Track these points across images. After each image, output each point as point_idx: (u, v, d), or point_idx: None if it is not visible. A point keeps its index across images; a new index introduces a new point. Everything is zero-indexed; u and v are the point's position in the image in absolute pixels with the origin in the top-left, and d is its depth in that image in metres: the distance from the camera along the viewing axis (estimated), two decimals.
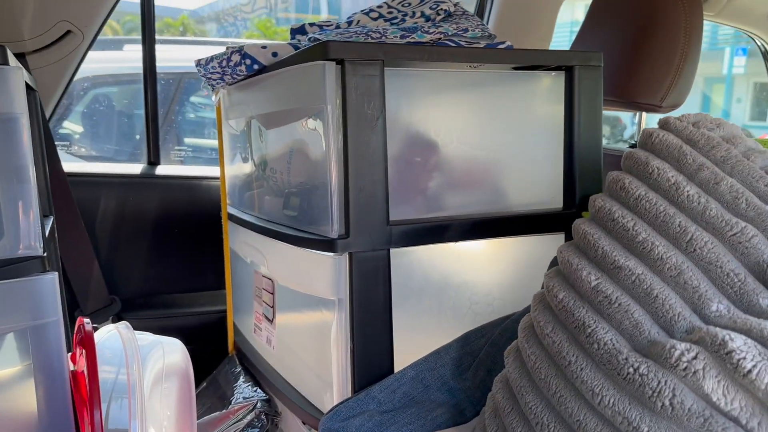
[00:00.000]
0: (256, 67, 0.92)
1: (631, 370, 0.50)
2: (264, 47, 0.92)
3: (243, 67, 0.93)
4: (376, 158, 0.81)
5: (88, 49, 1.22)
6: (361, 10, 1.10)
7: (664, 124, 0.66)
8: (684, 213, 0.57)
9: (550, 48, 1.72)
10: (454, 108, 0.91)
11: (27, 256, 0.75)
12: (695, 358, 0.46)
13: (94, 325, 1.26)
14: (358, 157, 0.80)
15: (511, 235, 0.94)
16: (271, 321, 1.05)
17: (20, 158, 0.74)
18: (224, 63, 0.94)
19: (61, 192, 1.19)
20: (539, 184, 0.96)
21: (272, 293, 1.03)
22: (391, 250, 0.84)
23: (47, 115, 1.23)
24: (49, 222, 1.04)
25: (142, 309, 1.39)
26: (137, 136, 2.57)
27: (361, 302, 0.82)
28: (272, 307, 1.03)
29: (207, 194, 1.43)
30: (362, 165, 0.80)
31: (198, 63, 1.00)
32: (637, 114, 1.23)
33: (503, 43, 0.93)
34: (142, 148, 1.54)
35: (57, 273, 0.77)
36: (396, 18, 1.06)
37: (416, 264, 0.89)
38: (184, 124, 2.63)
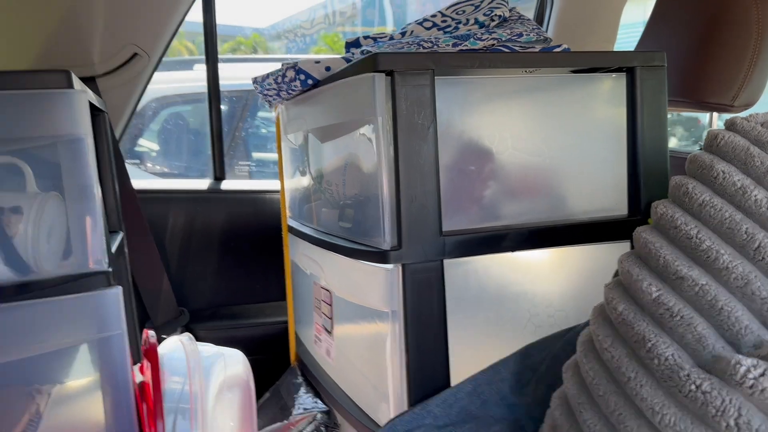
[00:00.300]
0: (310, 82, 0.94)
1: (693, 387, 0.46)
2: (317, 62, 0.93)
3: (297, 83, 0.94)
4: (428, 168, 0.80)
5: (155, 69, 1.27)
6: (415, 21, 1.10)
7: (730, 125, 0.62)
8: (751, 219, 0.53)
9: (617, 48, 1.66)
10: (509, 114, 0.89)
11: (93, 271, 0.78)
12: (763, 374, 0.42)
13: (162, 336, 1.30)
14: (410, 167, 0.79)
15: (573, 243, 0.91)
16: (330, 332, 1.05)
17: (86, 178, 0.78)
18: (279, 79, 0.95)
19: (131, 208, 1.24)
20: (602, 191, 0.93)
21: (330, 305, 1.03)
22: (445, 261, 0.82)
23: (117, 134, 1.29)
24: (119, 237, 1.08)
25: (210, 320, 1.43)
26: (209, 152, 2.65)
27: (415, 314, 0.81)
28: (331, 318, 1.04)
29: (270, 207, 1.46)
30: (413, 175, 0.79)
31: (255, 80, 1.03)
32: (709, 114, 1.17)
33: (559, 46, 0.90)
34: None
35: (121, 288, 0.80)
36: (449, 26, 1.05)
37: (472, 275, 0.87)
38: (254, 139, 2.70)
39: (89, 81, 1.19)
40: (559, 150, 0.91)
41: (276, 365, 1.30)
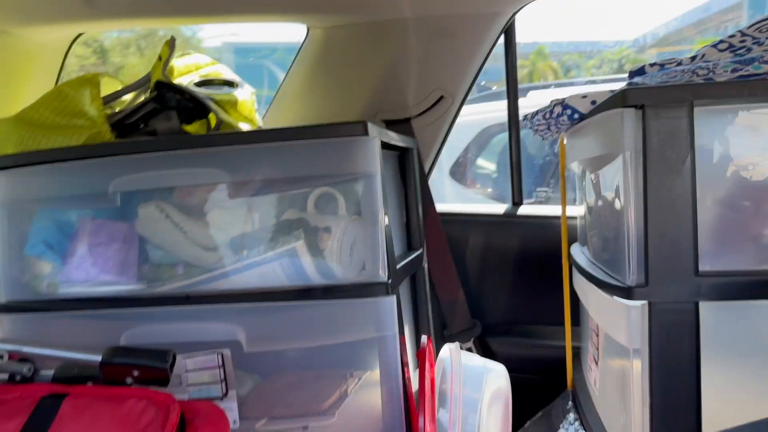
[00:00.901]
0: (576, 116, 0.97)
1: None
2: (584, 96, 0.96)
3: (564, 117, 0.98)
4: (682, 203, 0.77)
5: (460, 108, 1.44)
6: (711, 43, 1.03)
7: None
8: None
9: None
10: None
11: (376, 281, 0.96)
12: None
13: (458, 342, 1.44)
14: (660, 202, 0.77)
15: None
16: (597, 363, 1.05)
17: (375, 206, 0.96)
18: (548, 115, 1.01)
19: (434, 229, 1.43)
20: None
21: (598, 335, 1.04)
22: (703, 304, 0.78)
23: (427, 165, 1.49)
24: (416, 254, 1.27)
25: (502, 335, 1.53)
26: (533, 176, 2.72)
27: (662, 356, 0.78)
28: (598, 349, 1.04)
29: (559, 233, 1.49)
30: (664, 211, 0.77)
31: (525, 117, 1.10)
32: None
33: None
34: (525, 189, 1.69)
35: (396, 296, 0.96)
36: (744, 48, 0.96)
37: (742, 321, 0.79)
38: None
39: (405, 122, 1.41)
40: None
41: (557, 388, 1.33)
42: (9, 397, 0.80)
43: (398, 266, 1.07)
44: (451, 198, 3.01)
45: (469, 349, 1.48)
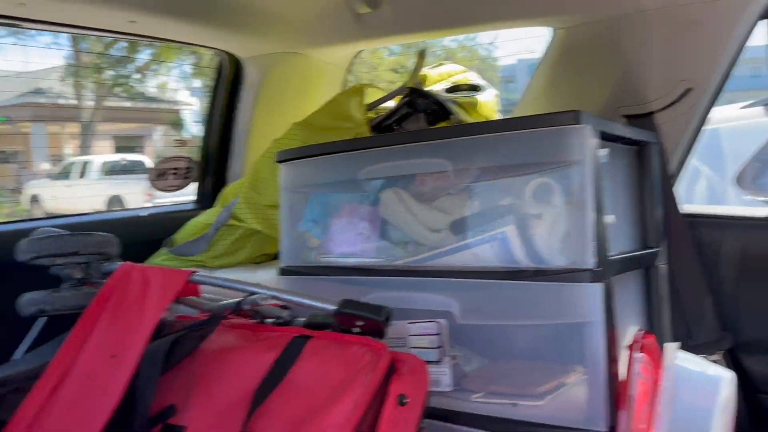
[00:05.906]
0: None
1: None
2: None
3: None
4: None
5: (713, 101, 1.33)
6: None
7: None
8: None
9: None
10: None
11: (582, 268, 0.98)
12: None
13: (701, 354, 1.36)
14: None
15: None
16: None
17: (585, 194, 0.98)
18: None
19: (677, 229, 1.35)
20: None
21: None
22: None
23: (677, 162, 1.40)
24: (648, 251, 1.23)
25: (763, 353, 1.37)
26: None
27: None
28: None
29: None
30: None
31: None
32: None
33: None
34: None
35: (605, 286, 0.97)
36: None
37: None
38: None
39: (647, 116, 1.36)
40: None
41: None
42: (273, 335, 1.03)
43: (614, 257, 1.06)
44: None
45: (716, 363, 1.36)
